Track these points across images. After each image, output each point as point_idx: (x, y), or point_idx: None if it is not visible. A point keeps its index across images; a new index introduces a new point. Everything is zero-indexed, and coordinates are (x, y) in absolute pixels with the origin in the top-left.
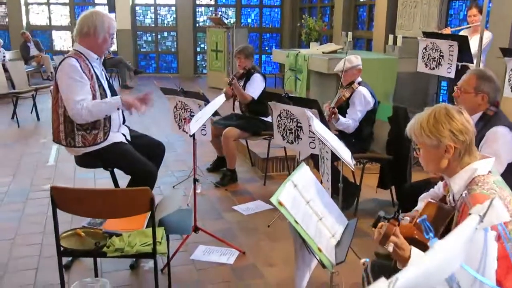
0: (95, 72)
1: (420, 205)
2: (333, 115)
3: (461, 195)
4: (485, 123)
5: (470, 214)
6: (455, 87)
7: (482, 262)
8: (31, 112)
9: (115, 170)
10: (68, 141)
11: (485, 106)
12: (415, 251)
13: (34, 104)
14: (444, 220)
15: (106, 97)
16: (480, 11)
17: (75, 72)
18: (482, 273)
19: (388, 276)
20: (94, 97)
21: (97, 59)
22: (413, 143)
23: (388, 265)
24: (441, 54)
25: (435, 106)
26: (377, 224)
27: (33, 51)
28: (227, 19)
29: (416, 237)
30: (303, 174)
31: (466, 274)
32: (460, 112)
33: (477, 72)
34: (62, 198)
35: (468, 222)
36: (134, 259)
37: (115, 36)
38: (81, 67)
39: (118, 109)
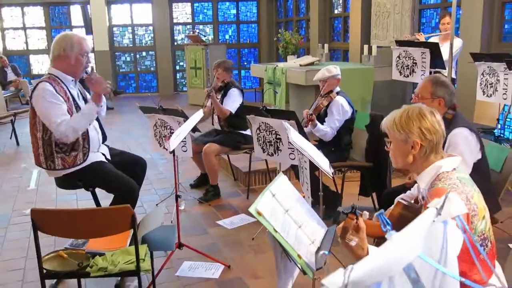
0: (71, 94)
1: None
2: (310, 121)
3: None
4: (445, 127)
5: (428, 208)
6: (412, 94)
7: (443, 254)
8: (11, 138)
9: (97, 190)
10: (48, 164)
11: (443, 109)
12: (372, 250)
13: (13, 129)
14: (413, 218)
15: None
16: None
17: (50, 96)
18: (444, 264)
19: None
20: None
21: (72, 80)
22: (385, 138)
23: None
24: (414, 61)
25: (411, 105)
26: (337, 219)
27: (11, 76)
28: (204, 36)
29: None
30: (282, 183)
31: (427, 266)
32: (433, 113)
33: (431, 78)
34: (42, 221)
35: (425, 215)
36: (119, 279)
37: (90, 55)
38: (55, 90)
39: (97, 112)
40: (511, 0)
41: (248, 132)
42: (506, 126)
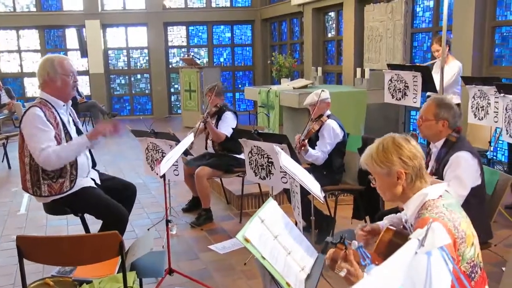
0: (61, 120)
1: (385, 221)
2: (302, 147)
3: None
4: (448, 149)
5: (409, 238)
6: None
7: (427, 286)
8: (2, 161)
9: (87, 215)
10: (34, 190)
11: (446, 131)
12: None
13: (5, 153)
14: (401, 244)
15: None
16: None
17: (39, 121)
18: None
19: None
20: (59, 145)
21: (64, 105)
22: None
23: None
24: (406, 85)
25: (383, 137)
26: (326, 250)
27: (4, 99)
28: (199, 59)
29: (377, 263)
30: (271, 209)
31: None
32: (407, 140)
33: (435, 100)
34: (28, 248)
35: (407, 247)
36: None
37: (76, 75)
38: (45, 115)
39: (87, 147)
40: (501, 24)
41: (242, 156)
42: (498, 149)
